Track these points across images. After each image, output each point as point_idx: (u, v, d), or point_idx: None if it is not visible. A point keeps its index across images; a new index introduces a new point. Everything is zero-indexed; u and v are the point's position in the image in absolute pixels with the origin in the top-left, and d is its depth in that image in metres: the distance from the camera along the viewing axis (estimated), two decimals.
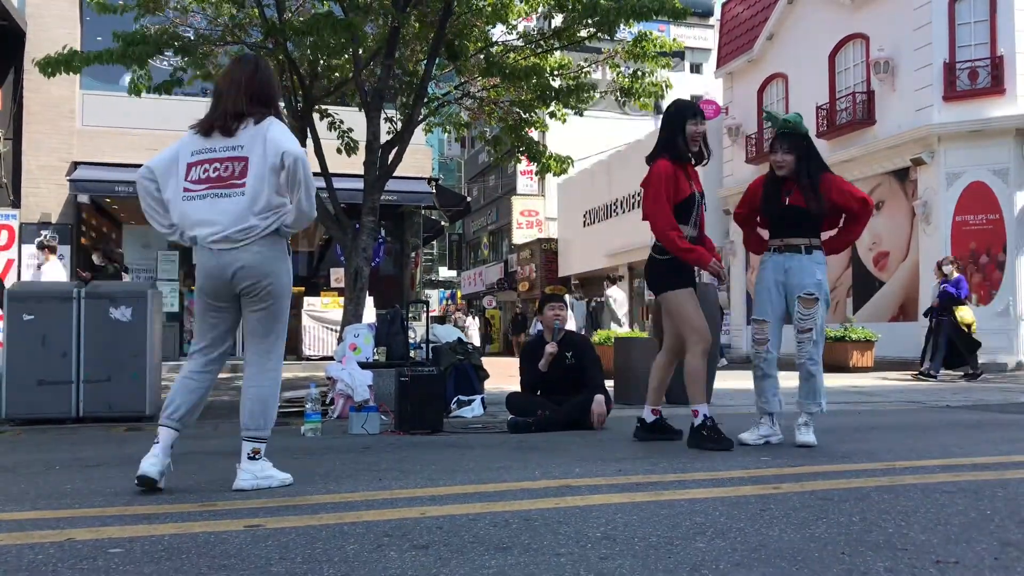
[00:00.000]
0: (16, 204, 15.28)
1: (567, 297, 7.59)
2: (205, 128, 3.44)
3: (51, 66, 7.66)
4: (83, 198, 15.05)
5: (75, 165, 15.37)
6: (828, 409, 4.76)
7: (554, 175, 10.18)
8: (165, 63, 10.42)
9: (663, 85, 9.29)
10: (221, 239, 3.33)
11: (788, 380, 4.76)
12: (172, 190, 3.43)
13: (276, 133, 3.38)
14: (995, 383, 11.19)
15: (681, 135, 4.59)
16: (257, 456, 3.36)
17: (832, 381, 11.50)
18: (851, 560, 2.19)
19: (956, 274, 12.01)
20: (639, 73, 9.20)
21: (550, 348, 5.71)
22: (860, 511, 2.80)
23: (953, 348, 11.81)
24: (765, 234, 4.90)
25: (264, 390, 3.43)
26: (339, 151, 8.93)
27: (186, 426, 3.46)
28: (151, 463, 3.28)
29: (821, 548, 2.32)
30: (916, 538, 2.42)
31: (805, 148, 4.62)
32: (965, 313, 11.84)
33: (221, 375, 3.77)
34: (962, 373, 11.82)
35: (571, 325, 10.99)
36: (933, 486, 3.28)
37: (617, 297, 17.46)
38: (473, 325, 24.55)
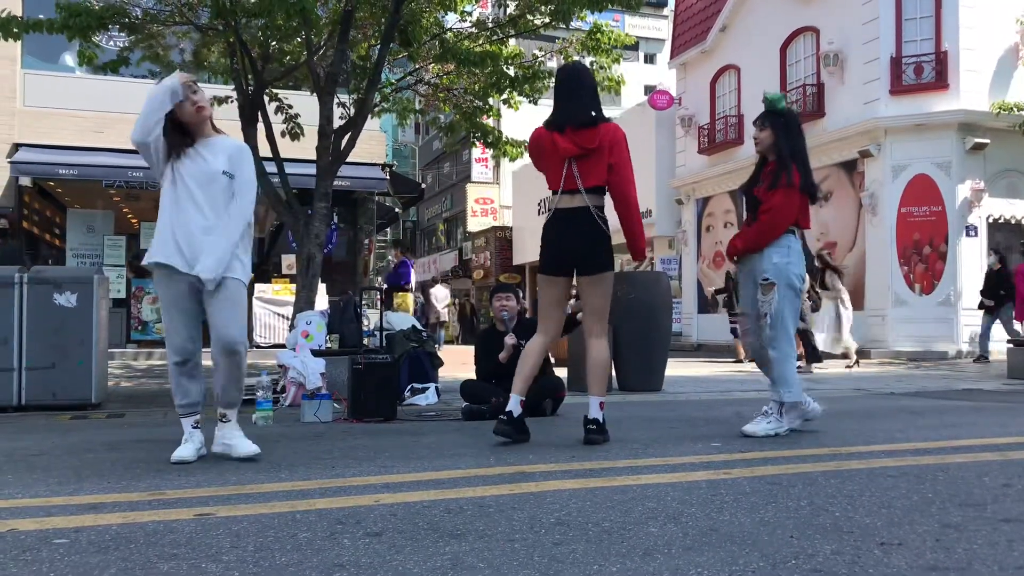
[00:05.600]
0: None
1: None
2: None
3: None
4: (25, 181, 14.60)
5: (16, 147, 14.90)
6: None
7: (510, 160, 10.17)
8: (112, 43, 10.16)
9: (617, 80, 9.33)
10: None
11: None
12: None
13: None
14: (935, 371, 11.51)
15: None
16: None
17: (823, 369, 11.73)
18: (799, 543, 2.23)
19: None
20: (594, 66, 9.22)
21: (510, 340, 5.63)
22: (808, 495, 2.86)
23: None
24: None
25: None
26: (282, 135, 8.79)
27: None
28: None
29: (771, 532, 2.36)
30: (861, 521, 2.48)
31: (782, 125, 4.59)
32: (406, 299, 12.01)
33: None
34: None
35: None
36: (878, 470, 3.37)
37: (439, 295, 18.60)
38: (443, 296, 23.97)
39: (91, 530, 2.44)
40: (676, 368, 10.43)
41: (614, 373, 7.73)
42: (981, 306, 12.94)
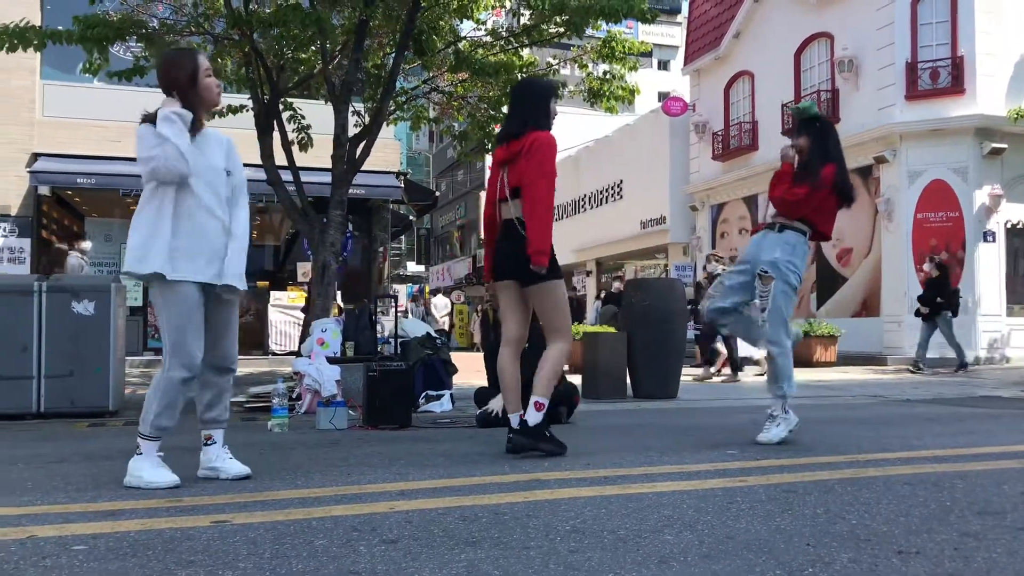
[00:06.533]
0: None
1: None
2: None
3: (6, 37, 7.46)
4: (44, 190, 14.76)
5: (35, 156, 15.06)
6: (794, 403, 4.79)
7: None
8: (128, 53, 10.26)
9: (631, 90, 9.34)
10: None
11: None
12: None
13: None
14: (953, 378, 11.41)
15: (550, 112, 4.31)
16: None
17: (796, 376, 11.66)
18: (816, 551, 2.22)
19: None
20: (608, 76, 9.23)
21: None
22: (824, 503, 2.85)
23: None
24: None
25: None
26: (292, 143, 8.84)
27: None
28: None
29: (787, 540, 2.35)
30: (879, 529, 2.47)
31: (818, 130, 4.64)
32: None
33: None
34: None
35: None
36: (895, 478, 3.35)
37: (438, 304, 19.15)
38: (443, 305, 24.25)
39: (109, 536, 2.46)
40: (692, 376, 10.40)
41: (628, 380, 7.72)
42: (917, 313, 12.76)
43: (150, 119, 3.39)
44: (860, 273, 16.67)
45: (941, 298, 12.18)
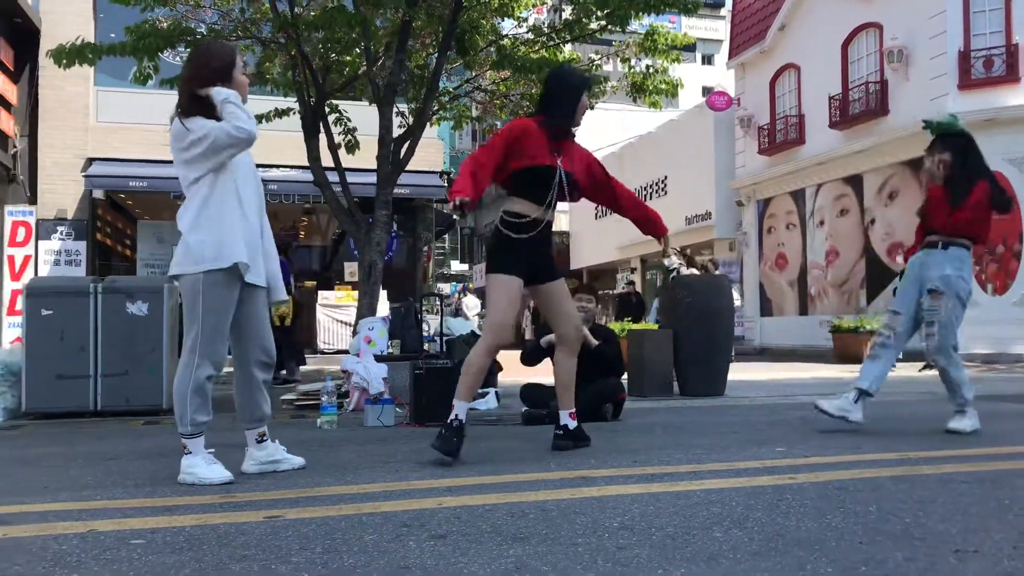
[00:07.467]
0: (33, 201, 15.38)
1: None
2: None
3: (65, 56, 7.70)
4: (98, 194, 15.16)
5: (90, 161, 15.47)
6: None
7: None
8: (177, 58, 10.47)
9: (674, 83, 9.26)
10: None
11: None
12: None
13: None
14: (1010, 374, 11.13)
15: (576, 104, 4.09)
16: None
17: (846, 372, 11.47)
18: (869, 549, 2.19)
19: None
20: (651, 70, 9.17)
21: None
22: (876, 501, 2.80)
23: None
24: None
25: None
26: (339, 146, 8.94)
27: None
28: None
29: (838, 537, 2.32)
30: (934, 527, 2.42)
31: (962, 146, 4.69)
32: None
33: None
34: None
35: None
36: (950, 476, 3.28)
37: (469, 304, 19.29)
38: (474, 304, 24.50)
39: (166, 531, 2.52)
40: (739, 373, 10.28)
41: (675, 379, 7.67)
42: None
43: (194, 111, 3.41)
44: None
45: None
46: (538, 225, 4.01)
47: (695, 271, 11.46)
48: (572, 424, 4.20)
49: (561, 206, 4.30)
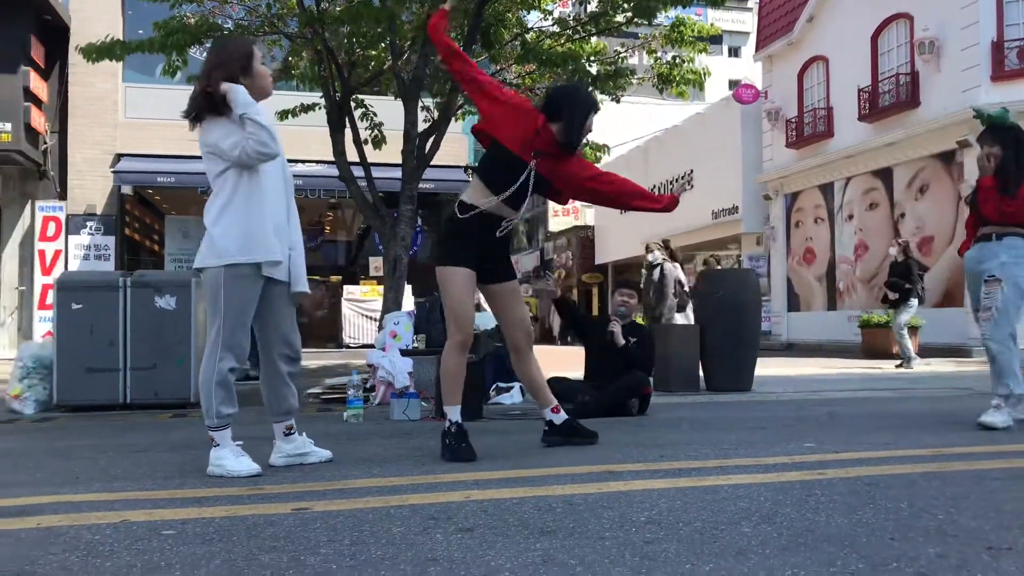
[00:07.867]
0: (63, 196, 15.60)
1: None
2: None
3: (95, 53, 7.79)
4: (127, 189, 15.34)
5: (119, 157, 15.65)
6: (871, 396, 4.69)
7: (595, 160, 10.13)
8: (204, 54, 10.56)
9: (702, 73, 9.19)
10: None
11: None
12: None
13: None
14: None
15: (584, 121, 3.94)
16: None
17: (874, 368, 11.35)
18: (900, 546, 2.16)
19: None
20: (677, 60, 9.11)
21: (615, 327, 5.67)
22: (908, 497, 2.77)
23: None
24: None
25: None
26: (365, 142, 8.97)
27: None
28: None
29: (869, 533, 2.29)
30: (967, 524, 2.39)
31: (1013, 139, 4.69)
32: None
33: None
34: None
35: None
36: (984, 472, 3.23)
37: None
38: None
39: (196, 522, 2.54)
40: (766, 368, 10.21)
41: (701, 373, 7.63)
42: (885, 299, 12.07)
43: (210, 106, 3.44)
44: (942, 263, 16.09)
45: (909, 284, 11.56)
46: (490, 218, 3.84)
47: (677, 264, 11.33)
48: (557, 419, 4.10)
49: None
